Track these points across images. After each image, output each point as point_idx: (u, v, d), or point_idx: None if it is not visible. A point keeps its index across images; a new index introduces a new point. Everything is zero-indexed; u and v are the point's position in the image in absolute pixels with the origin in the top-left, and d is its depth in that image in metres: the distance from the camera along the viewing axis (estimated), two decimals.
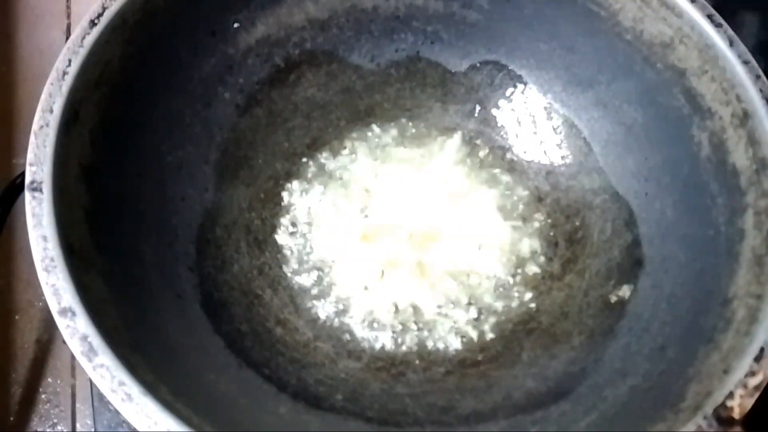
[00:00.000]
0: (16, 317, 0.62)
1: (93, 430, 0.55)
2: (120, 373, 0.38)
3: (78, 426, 0.59)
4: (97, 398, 0.54)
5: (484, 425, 0.47)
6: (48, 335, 0.62)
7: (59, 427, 0.59)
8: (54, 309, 0.39)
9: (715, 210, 0.50)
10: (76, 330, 0.39)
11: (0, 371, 0.60)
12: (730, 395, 0.40)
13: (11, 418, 0.59)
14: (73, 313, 0.39)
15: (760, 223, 0.46)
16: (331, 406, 0.48)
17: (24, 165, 0.43)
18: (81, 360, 0.38)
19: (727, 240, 0.48)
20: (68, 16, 0.73)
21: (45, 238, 0.41)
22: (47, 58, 0.46)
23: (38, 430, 0.59)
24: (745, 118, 0.49)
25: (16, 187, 0.54)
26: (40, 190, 0.42)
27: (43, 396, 0.60)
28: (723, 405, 0.40)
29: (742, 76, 0.50)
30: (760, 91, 0.49)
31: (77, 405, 0.60)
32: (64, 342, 0.40)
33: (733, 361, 0.42)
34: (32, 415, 0.59)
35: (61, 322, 0.39)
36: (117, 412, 0.38)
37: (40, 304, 0.62)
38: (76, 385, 0.60)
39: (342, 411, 0.48)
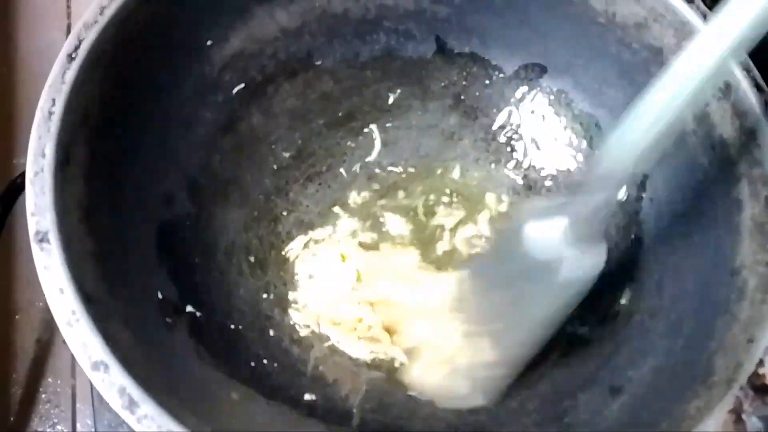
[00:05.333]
0: (16, 317, 0.61)
1: (93, 430, 0.53)
2: (166, 421, 0.37)
3: (78, 426, 0.58)
4: (98, 398, 0.52)
5: (517, 419, 0.48)
6: (48, 335, 0.61)
7: (59, 427, 0.58)
8: (85, 364, 0.38)
9: (708, 183, 0.51)
10: (113, 383, 0.37)
11: (0, 371, 0.59)
12: (761, 363, 0.41)
13: (11, 418, 0.58)
14: (107, 366, 0.38)
15: (756, 192, 0.48)
16: (362, 422, 0.48)
17: (24, 165, 0.42)
18: (123, 414, 0.37)
19: (724, 211, 0.49)
20: (68, 16, 0.72)
21: (62, 291, 0.39)
22: (47, 58, 0.46)
23: (38, 430, 0.58)
24: (727, 90, 0.50)
25: (16, 187, 0.52)
26: (47, 241, 0.40)
27: (43, 396, 0.59)
28: (755, 373, 0.41)
29: None
30: (739, 62, 0.50)
31: (77, 405, 0.59)
32: (64, 342, 0.39)
33: (755, 330, 0.43)
34: (32, 415, 0.58)
35: (95, 376, 0.38)
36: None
37: (40, 304, 0.61)
38: (76, 385, 0.59)
39: (374, 425, 0.48)
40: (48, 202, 0.41)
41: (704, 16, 0.52)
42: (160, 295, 0.47)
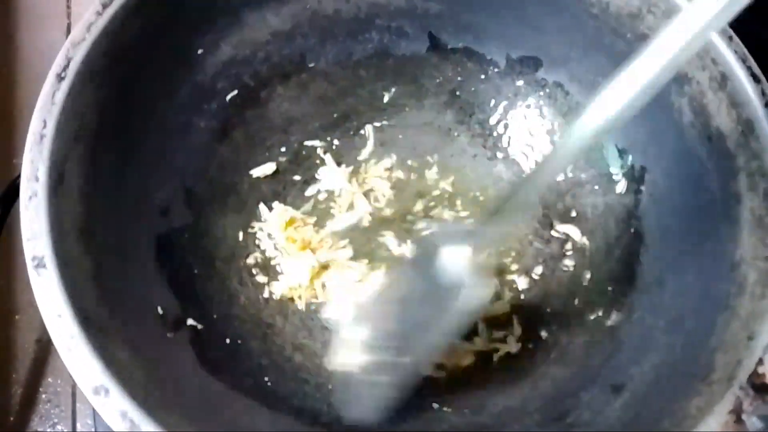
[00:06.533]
0: (16, 317, 0.61)
1: (93, 430, 0.54)
2: None
3: (78, 426, 0.59)
4: None
5: (519, 420, 0.48)
6: (48, 335, 0.59)
7: (59, 427, 0.59)
8: (86, 389, 0.38)
9: (707, 176, 0.51)
10: (114, 408, 0.38)
11: (0, 371, 0.59)
12: (760, 362, 0.41)
13: (11, 418, 0.58)
14: (107, 391, 0.38)
15: (754, 185, 0.48)
16: (368, 429, 0.48)
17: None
18: None
19: (723, 204, 0.49)
20: (68, 17, 0.72)
21: (60, 316, 0.40)
22: (47, 58, 0.45)
23: (38, 430, 0.58)
24: (723, 81, 0.50)
25: (16, 187, 0.51)
26: (44, 266, 0.41)
27: (43, 396, 0.59)
28: (755, 373, 0.41)
29: (715, 40, 0.50)
30: (735, 52, 0.50)
31: (77, 405, 0.59)
32: None
33: (755, 326, 0.43)
34: (32, 415, 0.59)
35: (96, 401, 0.38)
36: None
37: None
38: (76, 385, 0.59)
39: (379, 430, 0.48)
40: (43, 226, 0.42)
41: None
42: (160, 310, 0.48)
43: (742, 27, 0.49)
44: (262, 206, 0.57)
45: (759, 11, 0.62)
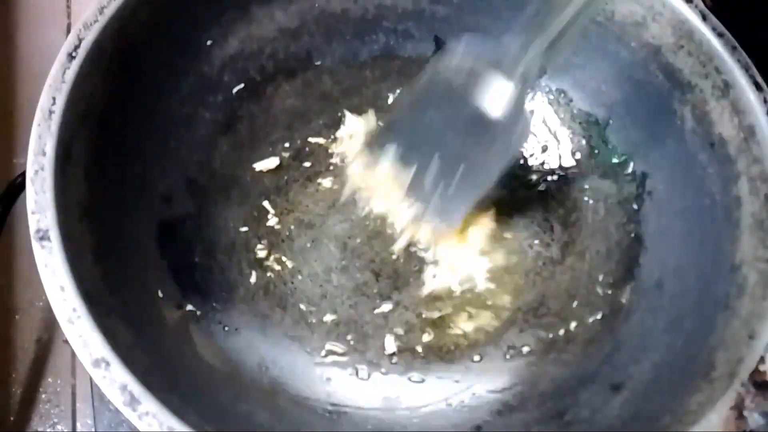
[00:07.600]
0: (16, 317, 0.61)
1: (93, 429, 0.53)
2: (167, 419, 0.37)
3: (78, 426, 0.58)
4: (98, 398, 0.52)
5: (517, 417, 0.48)
6: (48, 335, 0.60)
7: (59, 427, 0.58)
8: (86, 361, 0.38)
9: (708, 180, 0.51)
10: (114, 380, 0.37)
11: (0, 371, 0.59)
12: (762, 360, 0.42)
13: (11, 418, 0.57)
14: (107, 363, 0.38)
15: (755, 189, 0.48)
16: (364, 420, 0.48)
17: (24, 165, 0.42)
18: (125, 411, 0.37)
19: (724, 208, 0.50)
20: (68, 16, 0.72)
21: (63, 288, 0.39)
22: (47, 58, 0.45)
23: (38, 429, 0.58)
24: (726, 88, 0.51)
25: (16, 187, 0.52)
26: (48, 239, 0.40)
27: (43, 396, 0.59)
28: (757, 370, 0.41)
29: (718, 49, 0.51)
30: (738, 61, 0.51)
31: (77, 404, 0.58)
32: (64, 342, 0.39)
33: (756, 325, 0.43)
34: (32, 415, 0.58)
35: (96, 373, 0.37)
36: (117, 412, 0.38)
37: (40, 303, 0.61)
38: (76, 384, 0.59)
39: (376, 422, 0.48)
40: (48, 200, 0.41)
41: (703, 16, 0.52)
42: (160, 294, 0.48)
43: (742, 27, 0.50)
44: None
45: (759, 12, 0.64)
